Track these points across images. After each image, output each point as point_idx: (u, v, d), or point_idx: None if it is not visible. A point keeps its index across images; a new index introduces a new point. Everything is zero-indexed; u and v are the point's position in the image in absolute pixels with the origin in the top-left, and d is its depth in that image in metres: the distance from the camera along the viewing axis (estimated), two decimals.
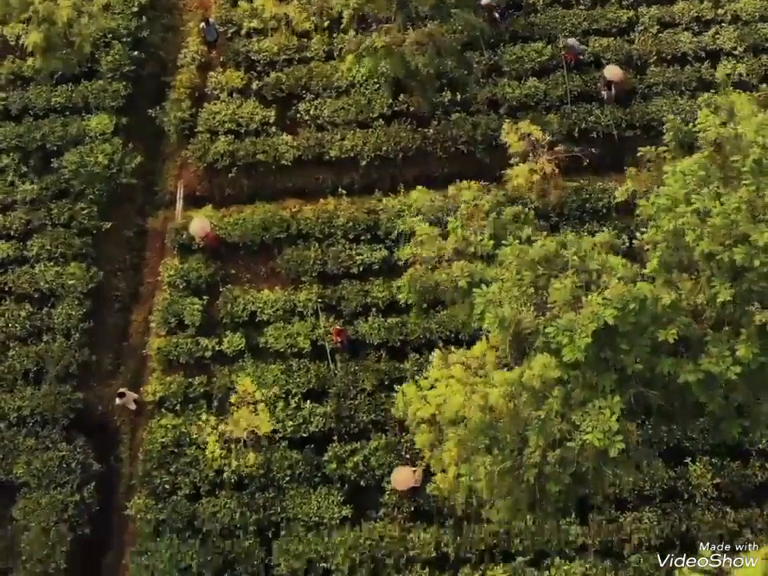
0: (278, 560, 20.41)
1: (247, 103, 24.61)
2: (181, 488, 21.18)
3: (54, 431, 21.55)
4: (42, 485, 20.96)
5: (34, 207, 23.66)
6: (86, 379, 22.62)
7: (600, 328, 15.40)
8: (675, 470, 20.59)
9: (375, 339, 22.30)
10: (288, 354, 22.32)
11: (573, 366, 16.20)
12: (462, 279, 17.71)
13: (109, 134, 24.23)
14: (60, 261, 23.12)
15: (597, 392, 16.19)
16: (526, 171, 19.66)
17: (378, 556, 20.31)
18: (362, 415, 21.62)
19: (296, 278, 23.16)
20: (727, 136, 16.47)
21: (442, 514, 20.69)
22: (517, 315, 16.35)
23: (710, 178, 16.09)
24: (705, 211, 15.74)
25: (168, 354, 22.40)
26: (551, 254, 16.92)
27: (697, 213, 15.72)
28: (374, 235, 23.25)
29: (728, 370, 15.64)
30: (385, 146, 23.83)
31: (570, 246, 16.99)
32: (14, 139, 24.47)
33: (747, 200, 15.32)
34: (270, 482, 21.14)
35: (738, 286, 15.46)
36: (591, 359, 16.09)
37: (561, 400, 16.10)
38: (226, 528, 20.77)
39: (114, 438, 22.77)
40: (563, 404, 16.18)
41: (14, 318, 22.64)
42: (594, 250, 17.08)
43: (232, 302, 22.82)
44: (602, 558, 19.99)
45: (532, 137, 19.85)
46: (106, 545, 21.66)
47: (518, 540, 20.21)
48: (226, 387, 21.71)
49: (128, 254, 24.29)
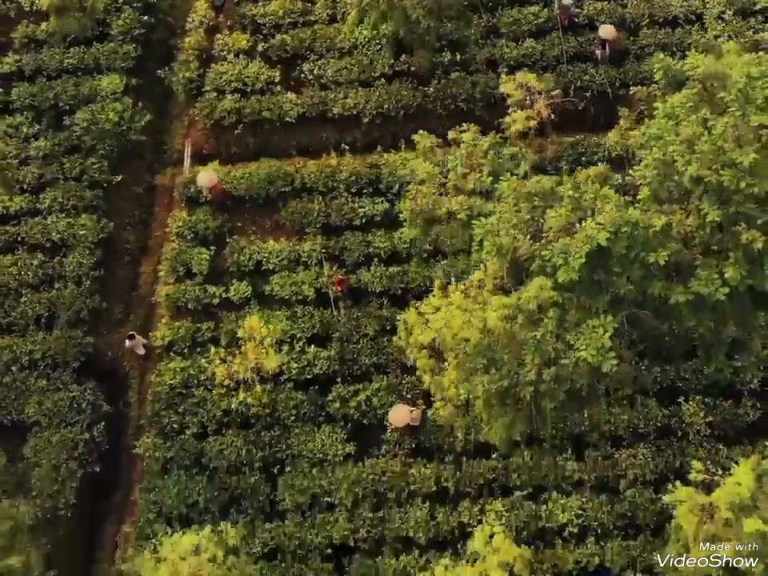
0: (283, 495, 21.02)
1: (253, 64, 25.42)
2: (188, 427, 21.81)
3: (64, 374, 22.19)
4: (52, 424, 21.56)
5: (46, 162, 24.40)
6: (96, 326, 23.28)
7: (593, 250, 16.17)
8: (669, 409, 21.26)
9: (377, 287, 23.01)
10: (293, 301, 23.01)
11: (567, 288, 16.99)
12: (461, 212, 18.47)
13: (119, 94, 25.04)
14: (71, 212, 23.84)
15: (590, 314, 16.92)
16: (523, 117, 20.41)
17: (380, 490, 20.95)
18: (364, 358, 22.28)
19: (300, 229, 23.90)
20: (715, 72, 17.27)
21: (442, 451, 21.34)
22: (514, 243, 17.13)
23: (697, 110, 16.86)
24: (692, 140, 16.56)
25: (176, 300, 23.09)
26: (547, 190, 17.70)
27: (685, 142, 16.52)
28: (376, 189, 24.01)
29: (716, 291, 16.38)
30: (386, 103, 24.62)
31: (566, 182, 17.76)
32: (28, 98, 25.25)
33: (733, 125, 16.10)
34: (275, 421, 21.80)
35: (725, 208, 16.19)
36: (585, 282, 16.83)
37: (556, 321, 16.81)
38: (233, 465, 21.38)
39: (123, 383, 23.42)
40: (558, 325, 16.89)
41: (27, 266, 23.32)
42: (589, 180, 17.91)
43: (238, 251, 23.53)
44: (597, 493, 20.64)
45: (529, 85, 20.60)
46: (114, 483, 22.25)
47: (515, 475, 20.84)
48: (232, 332, 22.37)
49: (137, 208, 25.05)
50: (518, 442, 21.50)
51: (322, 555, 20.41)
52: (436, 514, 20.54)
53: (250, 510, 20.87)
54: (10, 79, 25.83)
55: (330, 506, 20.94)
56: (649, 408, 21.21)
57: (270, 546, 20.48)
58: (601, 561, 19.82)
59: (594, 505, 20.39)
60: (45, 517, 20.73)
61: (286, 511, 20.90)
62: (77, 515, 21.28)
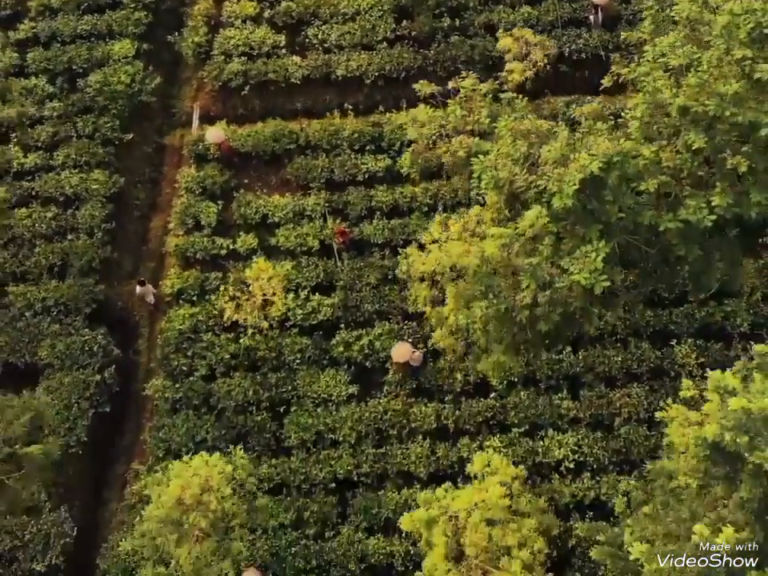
0: (289, 432, 21.71)
1: (259, 29, 26.40)
2: (197, 369, 22.54)
3: (76, 319, 22.92)
4: (64, 366, 22.25)
5: (60, 121, 25.30)
6: (108, 276, 24.06)
7: (586, 178, 17.00)
8: (661, 351, 22.00)
9: (379, 239, 23.84)
10: (298, 252, 23.82)
11: (561, 218, 17.81)
12: (460, 150, 19.31)
13: (130, 58, 26.01)
14: (84, 168, 24.72)
15: (584, 242, 17.72)
16: (520, 67, 21.33)
17: (382, 428, 21.65)
18: (366, 305, 23.05)
19: (305, 185, 24.77)
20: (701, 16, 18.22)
21: (442, 392, 22.06)
22: (511, 176, 17.99)
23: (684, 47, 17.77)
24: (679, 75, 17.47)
25: (185, 251, 23.90)
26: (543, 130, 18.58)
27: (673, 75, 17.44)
28: (378, 146, 24.94)
29: (704, 218, 17.21)
30: (388, 65, 25.59)
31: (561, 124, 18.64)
32: (43, 62, 26.20)
33: (718, 58, 17.00)
34: (281, 364, 22.54)
35: (711, 135, 17.05)
36: (578, 211, 17.63)
37: (551, 248, 17.61)
38: (240, 405, 22.09)
39: (133, 332, 24.18)
40: (553, 252, 17.69)
41: (41, 219, 24.13)
42: (582, 115, 18.82)
43: (245, 205, 24.37)
44: (593, 430, 21.34)
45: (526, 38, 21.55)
46: (124, 424, 22.96)
47: (513, 413, 21.54)
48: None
49: (147, 167, 25.96)
50: (515, 382, 22.43)
51: (326, 489, 21.07)
52: (436, 450, 21.22)
53: (256, 447, 21.53)
54: (26, 45, 26.79)
55: (334, 443, 21.62)
56: (642, 350, 21.97)
57: (275, 480, 21.17)
58: (596, 494, 20.52)
59: (589, 441, 21.08)
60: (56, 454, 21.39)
61: (292, 448, 21.59)
62: (87, 454, 21.96)
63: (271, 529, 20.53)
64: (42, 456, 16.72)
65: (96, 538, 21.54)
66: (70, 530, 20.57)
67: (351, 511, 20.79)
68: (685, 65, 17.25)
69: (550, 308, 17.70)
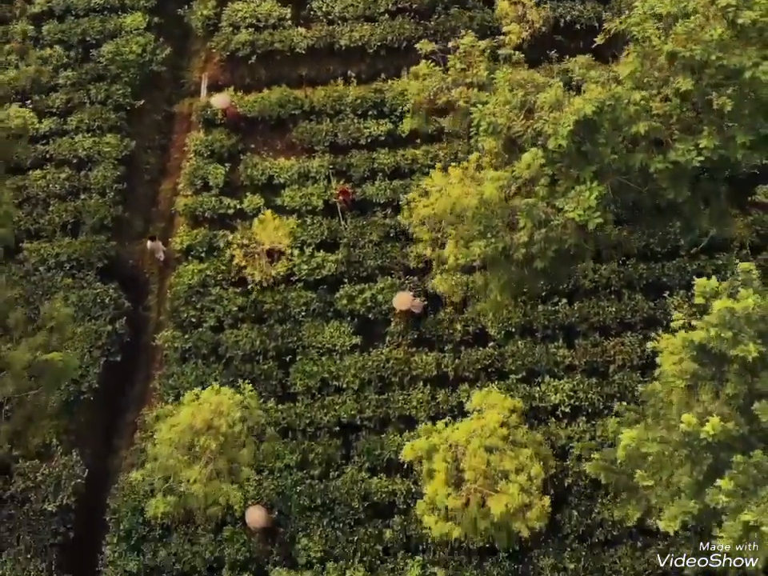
0: (295, 379, 22.45)
1: (266, 2, 27.34)
2: (206, 321, 23.31)
3: (89, 274, 23.72)
4: (77, 317, 22.94)
5: (74, 89, 26.23)
6: (119, 235, 24.89)
7: (580, 120, 17.88)
8: (654, 302, 22.78)
9: (381, 199, 24.69)
10: (303, 211, 24.66)
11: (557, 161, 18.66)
12: (460, 100, 20.21)
13: (142, 30, 26.99)
14: (97, 132, 25.61)
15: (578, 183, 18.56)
16: (517, 29, 22.22)
17: (384, 376, 22.40)
18: (369, 261, 23.86)
19: (309, 148, 25.67)
20: None
21: (443, 341, 22.82)
22: (509, 122, 18.87)
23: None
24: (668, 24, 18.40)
25: (194, 210, 24.75)
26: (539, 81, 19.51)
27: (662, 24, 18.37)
28: (380, 111, 25.85)
29: (693, 159, 18.07)
30: (389, 36, 26.54)
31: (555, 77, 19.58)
32: (57, 34, 27.16)
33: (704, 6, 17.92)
34: (287, 316, 23.33)
35: (697, 79, 17.94)
36: (573, 154, 18.50)
37: (546, 189, 18.46)
38: (247, 354, 22.85)
39: (143, 289, 24.98)
40: (549, 193, 18.54)
41: (55, 179, 24.99)
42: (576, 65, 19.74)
43: (252, 167, 25.24)
44: (588, 376, 22.09)
45: (522, 1, 22.51)
46: (134, 375, 23.71)
47: (510, 361, 22.28)
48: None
49: (157, 133, 26.92)
50: (513, 332, 23.17)
51: (330, 432, 21.79)
52: (436, 396, 21.97)
53: (263, 393, 22.24)
54: (41, 18, 27.74)
55: (338, 390, 22.37)
56: (636, 301, 22.75)
57: (281, 425, 21.87)
58: (592, 437, 21.20)
59: (584, 387, 21.84)
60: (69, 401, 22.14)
61: (297, 394, 22.33)
62: (98, 402, 22.69)
63: (277, 470, 21.23)
64: (61, 364, 17.40)
65: (106, 483, 22.21)
66: (81, 471, 21.25)
67: (354, 453, 21.50)
68: (673, 14, 18.19)
69: (546, 245, 18.55)
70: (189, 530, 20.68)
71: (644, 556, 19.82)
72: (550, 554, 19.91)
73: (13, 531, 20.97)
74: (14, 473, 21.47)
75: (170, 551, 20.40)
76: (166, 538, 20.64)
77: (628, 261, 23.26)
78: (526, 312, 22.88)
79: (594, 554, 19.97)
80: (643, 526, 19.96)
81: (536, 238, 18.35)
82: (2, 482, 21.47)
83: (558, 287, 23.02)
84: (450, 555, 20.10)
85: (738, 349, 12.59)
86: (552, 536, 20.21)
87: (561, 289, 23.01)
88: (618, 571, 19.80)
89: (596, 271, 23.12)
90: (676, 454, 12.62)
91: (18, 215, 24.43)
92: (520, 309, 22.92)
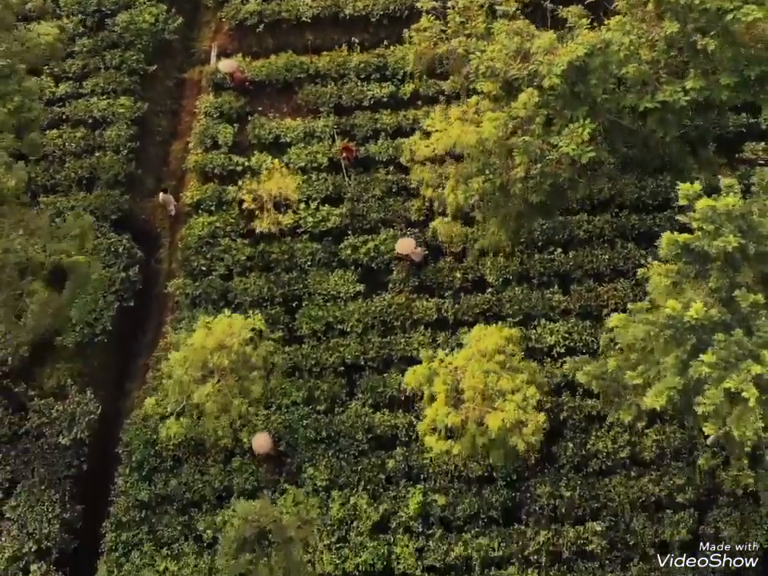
0: (301, 323, 23.34)
1: None
2: (215, 270, 24.24)
3: (103, 225, 24.68)
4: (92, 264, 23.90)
5: (90, 55, 27.37)
6: (132, 190, 25.90)
7: (573, 62, 18.95)
8: (646, 251, 23.69)
9: (384, 157, 25.70)
10: (308, 168, 25.68)
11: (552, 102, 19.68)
12: (459, 48, 21.29)
13: (154, 1, 28.20)
14: (111, 95, 26.70)
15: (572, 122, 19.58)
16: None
17: (386, 320, 23.29)
18: (372, 215, 24.83)
19: (315, 109, 26.75)
20: None
21: (443, 288, 23.73)
22: (506, 66, 19.94)
23: None
24: None
25: (204, 166, 25.77)
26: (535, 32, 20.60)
27: None
28: (383, 75, 26.94)
29: (680, 99, 19.11)
30: (392, 5, 27.69)
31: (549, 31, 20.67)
32: (74, 5, 28.35)
33: None
34: (293, 265, 24.28)
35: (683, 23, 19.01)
36: (566, 94, 19.54)
37: (542, 127, 19.47)
38: (255, 300, 23.74)
39: (155, 243, 25.95)
40: (544, 131, 19.55)
41: (71, 138, 26.03)
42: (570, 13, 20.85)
43: (259, 127, 26.30)
44: (582, 319, 22.97)
45: None
46: (146, 321, 24.60)
47: (508, 305, 23.17)
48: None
49: (168, 98, 28.09)
50: (510, 279, 24.08)
51: (335, 372, 22.65)
52: (437, 338, 22.85)
53: (271, 336, 23.10)
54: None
55: (342, 333, 23.26)
56: (628, 249, 23.70)
57: (289, 366, 22.72)
58: None
59: (578, 329, 22.73)
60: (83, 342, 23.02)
61: (303, 337, 23.21)
62: (111, 346, 23.56)
63: (284, 406, 22.08)
64: (85, 265, 18.29)
65: (118, 421, 23.02)
66: (95, 408, 22.08)
67: (358, 390, 22.35)
68: None
69: (541, 180, 19.58)
70: (199, 461, 21.50)
71: (637, 485, 20.67)
72: (547, 483, 20.73)
73: (28, 464, 21.78)
74: (29, 410, 22.31)
75: (181, 481, 21.21)
76: (176, 469, 21.45)
77: (621, 212, 24.27)
78: (523, 261, 23.82)
79: (588, 483, 20.80)
80: (636, 457, 21.04)
81: (532, 173, 19.38)
82: (18, 418, 22.31)
83: (554, 237, 24.07)
84: (450, 483, 20.91)
85: (719, 240, 13.50)
86: (548, 466, 21.05)
87: (557, 239, 24.01)
88: (612, 499, 20.63)
89: (590, 222, 24.10)
90: (661, 334, 13.47)
91: (35, 171, 25.37)
92: (517, 258, 23.88)
